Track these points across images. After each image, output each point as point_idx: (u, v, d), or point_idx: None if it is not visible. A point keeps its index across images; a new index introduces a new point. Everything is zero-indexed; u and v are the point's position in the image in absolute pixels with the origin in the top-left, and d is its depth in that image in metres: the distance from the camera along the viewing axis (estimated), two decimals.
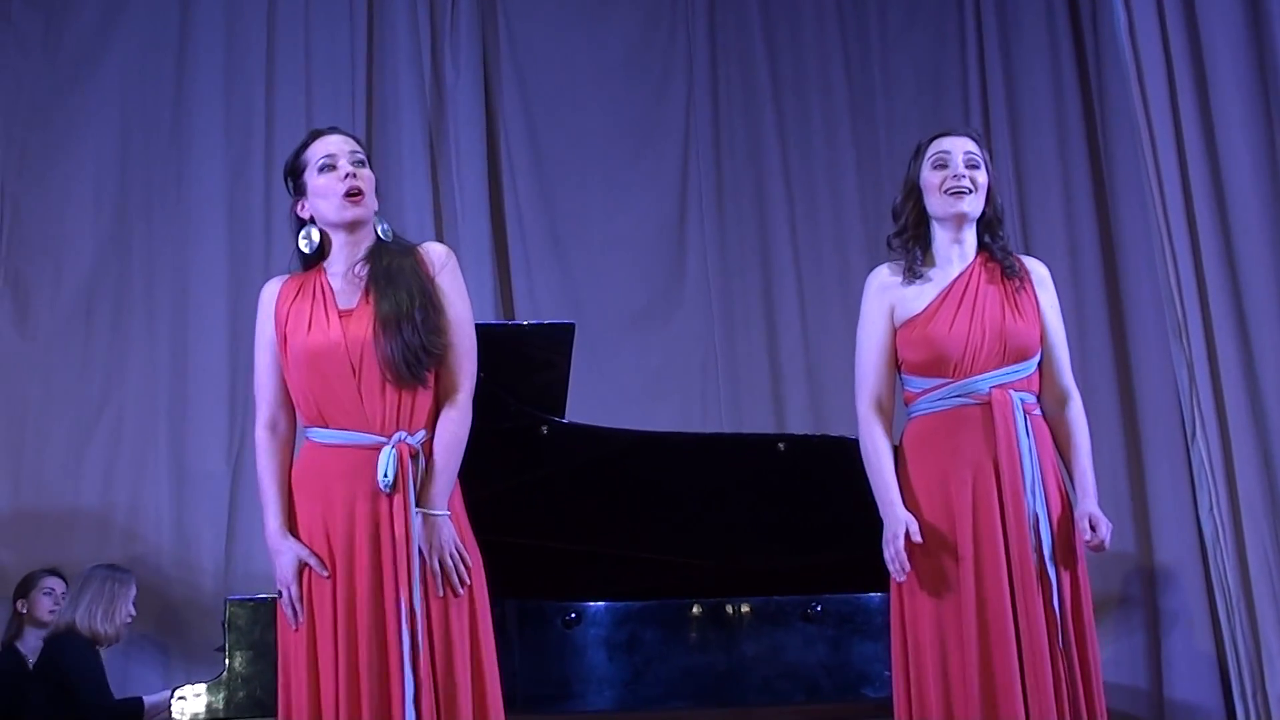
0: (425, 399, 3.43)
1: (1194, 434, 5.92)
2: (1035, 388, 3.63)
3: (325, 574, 3.31)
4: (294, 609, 3.34)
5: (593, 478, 4.82)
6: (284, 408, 3.49)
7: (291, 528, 3.41)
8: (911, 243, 3.74)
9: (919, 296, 3.67)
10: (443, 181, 6.90)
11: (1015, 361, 3.59)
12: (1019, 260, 3.74)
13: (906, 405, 3.71)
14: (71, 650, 5.40)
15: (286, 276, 3.57)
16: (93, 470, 6.35)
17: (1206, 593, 6.13)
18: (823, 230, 7.06)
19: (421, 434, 3.41)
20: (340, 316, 3.43)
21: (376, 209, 3.55)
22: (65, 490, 6.27)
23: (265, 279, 6.33)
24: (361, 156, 3.54)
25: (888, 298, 3.70)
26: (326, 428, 3.39)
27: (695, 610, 4.28)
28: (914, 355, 3.64)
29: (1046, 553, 3.45)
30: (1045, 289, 3.73)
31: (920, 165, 3.75)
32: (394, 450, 3.33)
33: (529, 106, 7.08)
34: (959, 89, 7.18)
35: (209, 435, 6.46)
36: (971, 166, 3.69)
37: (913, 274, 3.69)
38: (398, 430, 3.37)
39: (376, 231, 3.55)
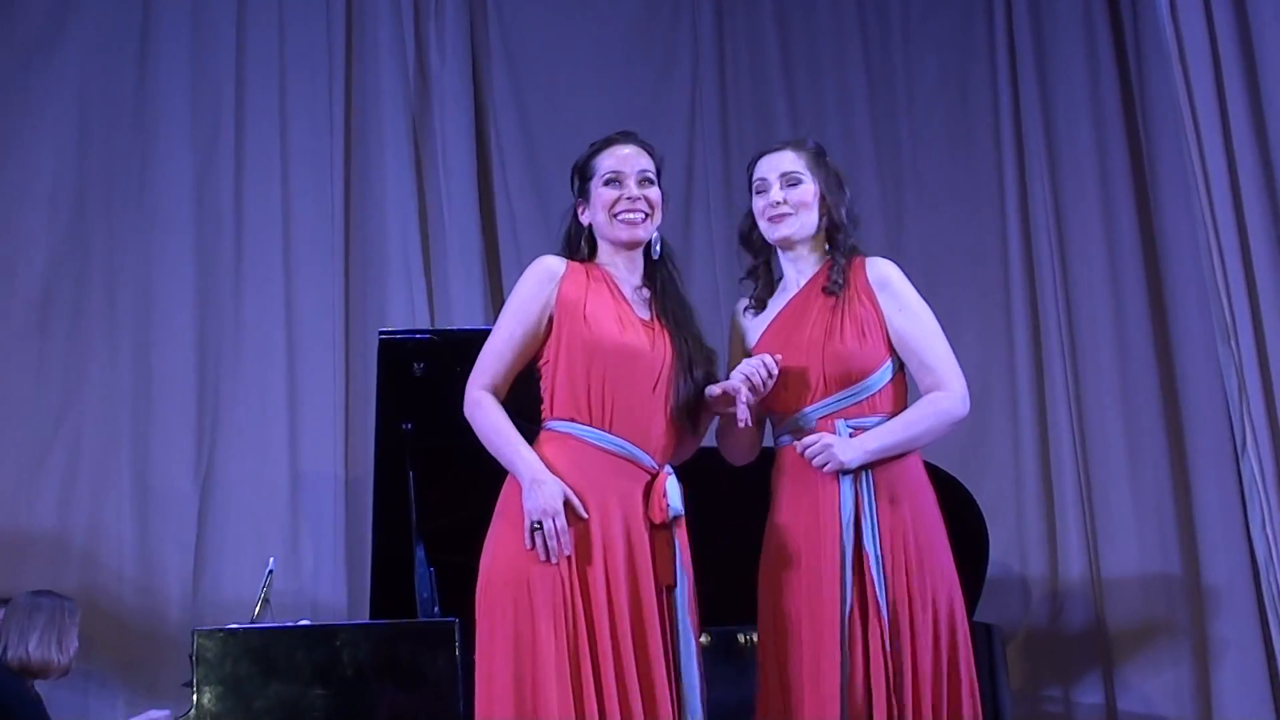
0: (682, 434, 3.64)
1: (1244, 444, 5.94)
2: (883, 408, 3.64)
3: (584, 515, 3.41)
4: (557, 541, 3.37)
5: None
6: (505, 385, 3.60)
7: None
8: (762, 271, 3.85)
9: (754, 331, 3.79)
10: (428, 178, 6.90)
11: (844, 386, 3.61)
12: (854, 266, 3.73)
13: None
14: (9, 683, 5.30)
15: (565, 259, 3.68)
16: (48, 490, 6.31)
17: (1259, 617, 6.14)
18: None
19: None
20: (643, 324, 3.62)
21: (658, 227, 3.73)
22: (19, 511, 6.23)
23: (236, 282, 6.63)
24: (651, 175, 3.70)
25: (737, 335, 3.84)
26: (609, 431, 3.50)
27: (704, 640, 4.22)
28: None
29: (879, 591, 3.48)
30: (887, 291, 3.71)
31: (751, 191, 3.84)
32: (676, 479, 3.53)
33: (521, 95, 7.08)
34: (987, 72, 7.21)
35: (175, 452, 6.44)
36: (791, 185, 3.74)
37: (761, 305, 3.81)
38: (666, 461, 3.57)
39: (651, 251, 3.73)
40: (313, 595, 6.37)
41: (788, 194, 3.73)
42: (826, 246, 3.78)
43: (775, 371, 3.55)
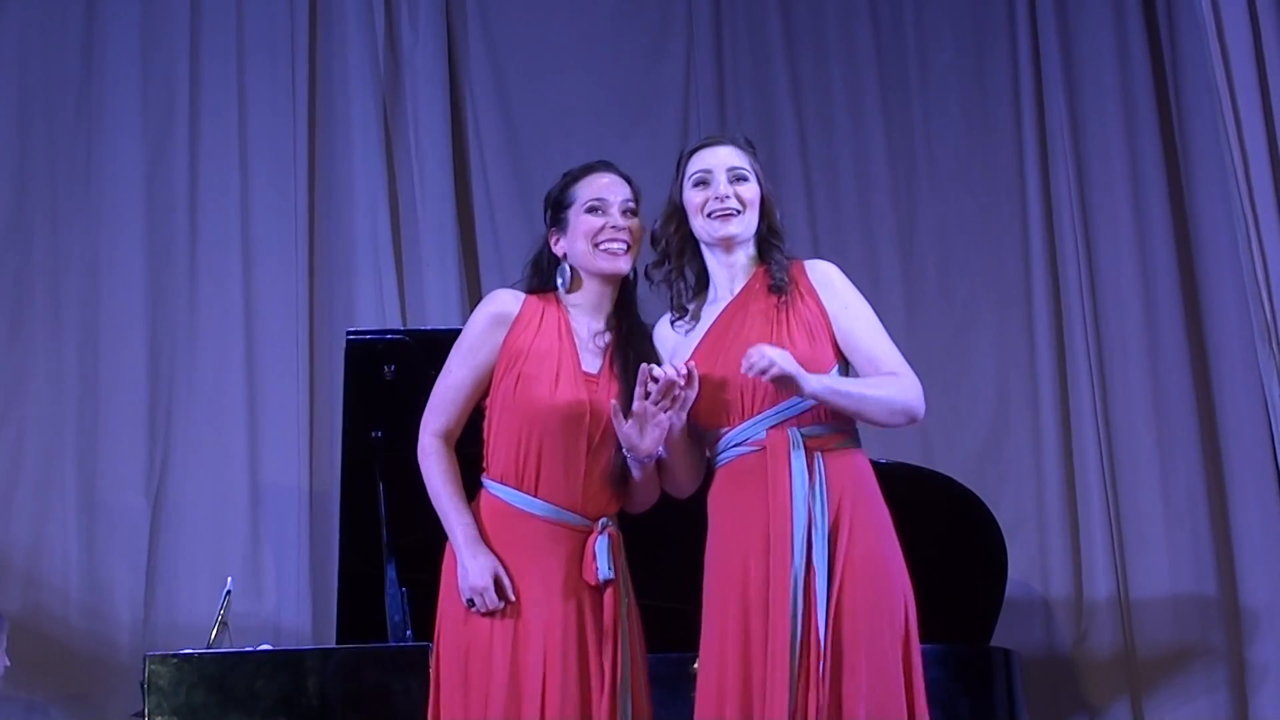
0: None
1: None
2: (835, 415, 3.64)
3: (512, 599, 3.58)
4: (486, 612, 3.58)
5: None
6: (458, 428, 3.76)
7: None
8: (675, 274, 3.83)
9: (689, 341, 3.77)
10: (400, 164, 6.88)
11: (793, 393, 3.59)
12: (794, 269, 3.76)
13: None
14: None
15: (524, 294, 3.80)
16: None
17: None
18: (846, 216, 7.04)
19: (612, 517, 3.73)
20: (585, 379, 3.70)
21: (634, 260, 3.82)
22: None
23: (191, 279, 6.63)
24: (633, 205, 3.81)
25: (666, 354, 3.78)
26: (535, 495, 3.65)
27: (696, 667, 4.28)
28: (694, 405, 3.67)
29: (820, 617, 3.46)
30: (829, 290, 3.75)
31: (681, 183, 3.82)
32: (608, 539, 3.65)
33: (501, 72, 7.06)
34: (1006, 47, 7.15)
35: (125, 463, 6.43)
36: (738, 180, 3.76)
37: (683, 312, 3.80)
38: (601, 515, 3.68)
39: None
40: (274, 618, 6.36)
41: (736, 189, 3.75)
42: (754, 253, 3.80)
43: (685, 373, 3.57)
